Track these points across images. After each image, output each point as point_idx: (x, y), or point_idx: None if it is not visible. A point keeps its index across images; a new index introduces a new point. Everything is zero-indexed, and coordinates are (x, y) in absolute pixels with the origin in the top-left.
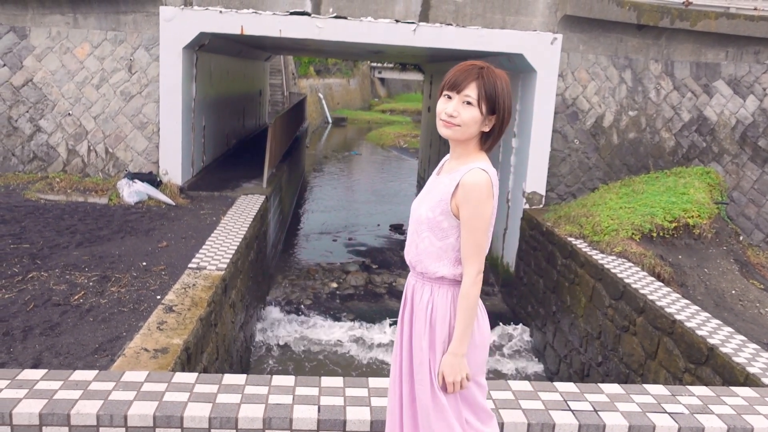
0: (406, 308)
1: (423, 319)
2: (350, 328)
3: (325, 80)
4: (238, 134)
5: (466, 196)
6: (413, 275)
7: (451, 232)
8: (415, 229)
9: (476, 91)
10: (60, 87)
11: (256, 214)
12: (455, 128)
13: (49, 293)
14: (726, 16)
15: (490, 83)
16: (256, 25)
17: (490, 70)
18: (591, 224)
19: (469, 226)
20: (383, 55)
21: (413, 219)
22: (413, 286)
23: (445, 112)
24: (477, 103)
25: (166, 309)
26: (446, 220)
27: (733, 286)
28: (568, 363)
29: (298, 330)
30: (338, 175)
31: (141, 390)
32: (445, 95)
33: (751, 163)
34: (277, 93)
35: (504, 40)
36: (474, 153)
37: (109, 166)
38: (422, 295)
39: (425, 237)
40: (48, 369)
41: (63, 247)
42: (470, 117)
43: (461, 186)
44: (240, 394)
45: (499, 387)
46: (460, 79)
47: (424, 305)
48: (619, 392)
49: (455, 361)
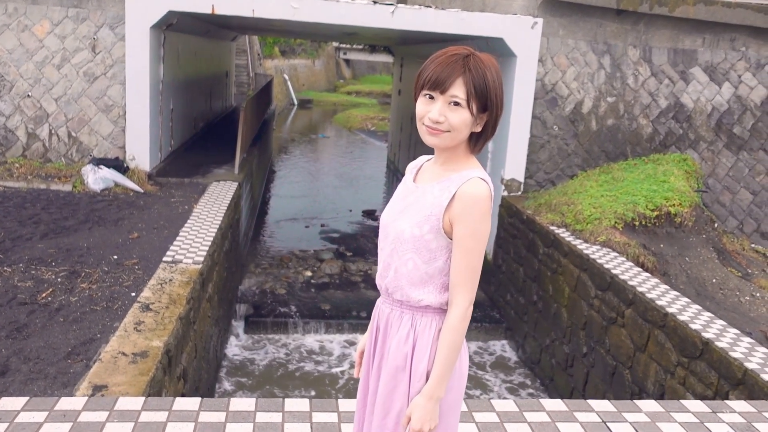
0: (378, 340)
1: (401, 354)
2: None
3: (291, 61)
4: (206, 117)
5: (464, 211)
6: (387, 302)
7: (441, 253)
8: (394, 249)
9: (464, 88)
10: (18, 67)
11: (230, 202)
12: (443, 135)
13: (14, 291)
14: (704, 3)
15: (479, 76)
16: (227, 3)
17: (476, 60)
18: (573, 213)
19: (464, 247)
20: (356, 37)
21: (389, 236)
22: (387, 316)
23: (429, 117)
24: (466, 104)
25: (143, 307)
26: (436, 239)
27: (714, 275)
28: (551, 353)
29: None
30: (306, 158)
31: (139, 421)
32: (425, 95)
33: (726, 150)
34: (242, 74)
35: (484, 23)
36: (463, 157)
37: (72, 150)
38: (401, 326)
39: (408, 259)
40: (29, 396)
41: (26, 239)
42: (460, 121)
43: (458, 199)
44: (194, 422)
45: (532, 407)
46: (444, 75)
47: (403, 337)
48: (659, 410)
49: (428, 406)
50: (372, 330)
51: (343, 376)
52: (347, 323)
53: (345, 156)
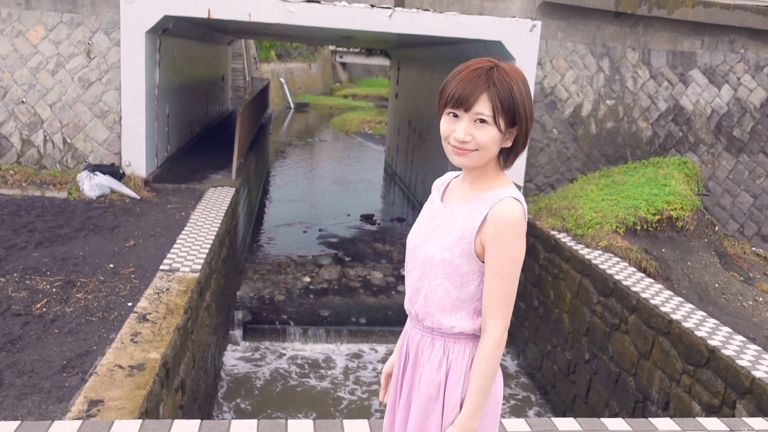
0: (408, 367)
1: (434, 383)
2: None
3: (287, 65)
4: (202, 122)
5: (498, 233)
6: (417, 328)
7: (473, 277)
8: (423, 274)
9: (489, 105)
10: (12, 72)
11: (227, 209)
12: (471, 155)
13: (8, 301)
14: (702, 5)
15: (505, 90)
16: (224, 8)
17: (501, 72)
18: (574, 217)
19: (498, 271)
20: (353, 41)
21: (418, 260)
22: (418, 342)
23: (454, 137)
24: (493, 120)
25: (140, 318)
26: (467, 263)
27: (716, 279)
28: (552, 359)
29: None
30: (303, 162)
31: None
32: (449, 113)
33: (726, 153)
34: (238, 78)
35: (482, 26)
36: (493, 175)
37: (67, 157)
38: (432, 353)
39: (439, 285)
40: (21, 420)
41: (21, 248)
42: (488, 138)
43: (491, 220)
44: None
45: (544, 427)
46: (467, 92)
47: (436, 365)
48: (675, 429)
49: None
50: (401, 356)
51: (346, 391)
52: (347, 330)
53: (342, 160)
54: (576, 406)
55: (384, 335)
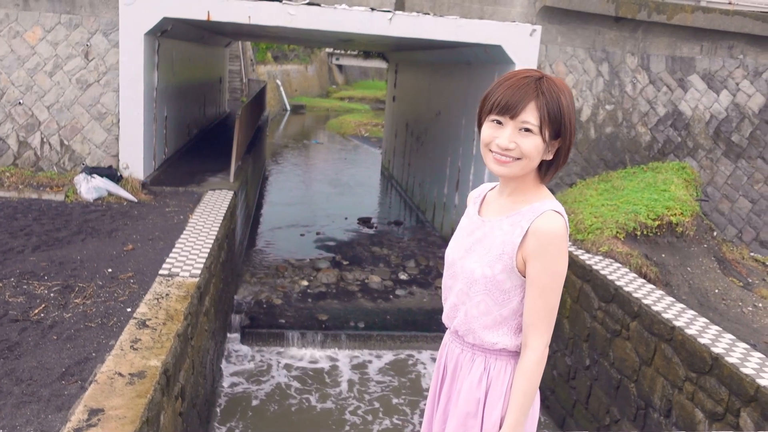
0: (446, 381)
1: (473, 399)
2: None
3: (283, 66)
4: (200, 124)
5: (540, 248)
6: (457, 342)
7: (515, 293)
8: (464, 290)
9: (537, 113)
10: (9, 74)
11: (226, 212)
12: (513, 164)
13: (5, 307)
14: (702, 10)
15: (554, 101)
16: (223, 10)
17: (549, 83)
18: (574, 222)
19: (541, 286)
20: (352, 44)
21: (458, 276)
22: (457, 357)
23: (497, 143)
24: (539, 130)
25: (139, 324)
26: (509, 279)
27: (716, 285)
28: (552, 364)
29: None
30: (300, 165)
31: None
32: (493, 120)
33: (725, 158)
34: (235, 80)
35: (483, 30)
36: (533, 187)
37: (64, 159)
38: (472, 369)
39: (480, 301)
40: (19, 430)
41: (18, 252)
42: (532, 147)
43: (533, 235)
44: None
45: None
46: (515, 99)
47: (476, 381)
48: None
49: None
50: (439, 368)
51: (349, 403)
52: (345, 334)
53: (339, 162)
54: (576, 411)
55: (382, 340)
